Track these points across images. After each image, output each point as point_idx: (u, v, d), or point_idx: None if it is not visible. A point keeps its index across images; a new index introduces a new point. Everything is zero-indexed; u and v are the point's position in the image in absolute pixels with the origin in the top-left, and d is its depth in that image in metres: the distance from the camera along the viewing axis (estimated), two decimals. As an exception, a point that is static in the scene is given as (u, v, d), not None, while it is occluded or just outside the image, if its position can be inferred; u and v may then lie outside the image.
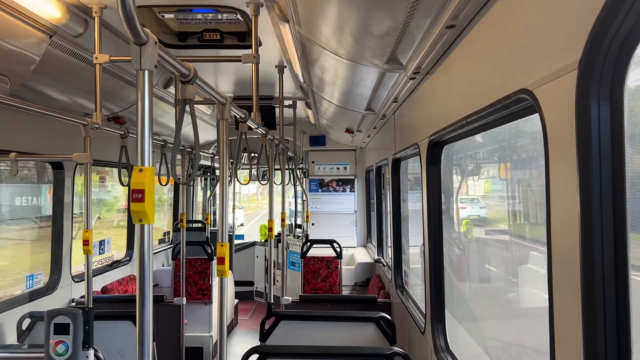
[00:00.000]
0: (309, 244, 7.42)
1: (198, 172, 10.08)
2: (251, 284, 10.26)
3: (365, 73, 3.53)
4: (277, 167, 5.96)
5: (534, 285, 2.43)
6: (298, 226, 9.95)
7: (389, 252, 6.16)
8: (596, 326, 1.26)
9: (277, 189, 6.18)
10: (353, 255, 8.67)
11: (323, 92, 5.06)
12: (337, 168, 9.68)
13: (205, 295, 6.96)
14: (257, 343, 3.35)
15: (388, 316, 3.68)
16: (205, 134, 8.14)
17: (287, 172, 6.12)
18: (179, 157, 6.52)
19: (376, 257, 7.74)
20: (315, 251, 7.62)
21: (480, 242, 3.58)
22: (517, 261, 2.72)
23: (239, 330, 8.47)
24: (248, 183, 6.27)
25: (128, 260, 6.73)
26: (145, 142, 1.52)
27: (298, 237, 9.01)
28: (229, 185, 4.15)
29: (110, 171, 7.00)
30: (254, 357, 2.84)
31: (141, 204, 1.46)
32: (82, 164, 3.93)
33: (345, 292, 7.80)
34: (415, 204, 4.90)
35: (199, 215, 10.73)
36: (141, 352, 1.53)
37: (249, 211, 31.48)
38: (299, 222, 9.96)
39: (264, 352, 2.85)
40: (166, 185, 5.66)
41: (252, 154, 9.83)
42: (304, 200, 8.99)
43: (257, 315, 9.20)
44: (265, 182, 5.94)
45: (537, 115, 1.55)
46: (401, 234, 5.52)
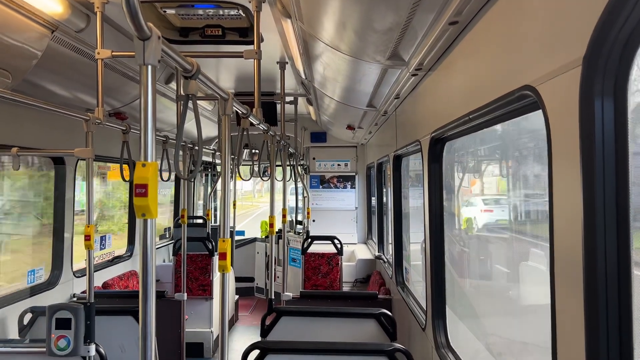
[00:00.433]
0: (309, 240, 7.43)
1: (200, 168, 10.07)
2: (251, 279, 10.28)
3: (367, 69, 3.52)
4: (278, 163, 5.97)
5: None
6: (299, 222, 9.96)
7: (390, 248, 6.16)
8: (598, 323, 1.26)
9: (278, 185, 6.18)
10: (354, 252, 8.68)
11: (324, 88, 5.05)
12: (338, 164, 9.67)
13: (206, 291, 6.97)
14: (258, 339, 3.35)
15: (389, 312, 3.69)
16: (206, 130, 8.13)
17: (288, 168, 6.11)
18: (180, 153, 6.51)
19: (377, 253, 7.74)
20: (316, 247, 7.63)
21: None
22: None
23: (240, 326, 8.48)
24: (250, 179, 6.28)
25: (129, 256, 6.74)
26: (149, 137, 1.52)
27: (299, 233, 9.02)
28: (230, 181, 4.15)
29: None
30: (255, 353, 2.85)
31: (144, 198, 1.46)
32: (83, 159, 3.93)
33: (346, 288, 7.80)
34: (416, 201, 4.89)
35: (199, 211, 10.75)
36: (144, 346, 1.53)
37: (242, 210, 25.71)
38: (299, 218, 9.97)
39: (265, 347, 2.85)
40: (167, 180, 5.65)
41: (254, 150, 9.84)
42: (304, 197, 8.99)
43: (258, 311, 9.21)
44: (266, 179, 5.94)
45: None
46: (402, 231, 5.53)
